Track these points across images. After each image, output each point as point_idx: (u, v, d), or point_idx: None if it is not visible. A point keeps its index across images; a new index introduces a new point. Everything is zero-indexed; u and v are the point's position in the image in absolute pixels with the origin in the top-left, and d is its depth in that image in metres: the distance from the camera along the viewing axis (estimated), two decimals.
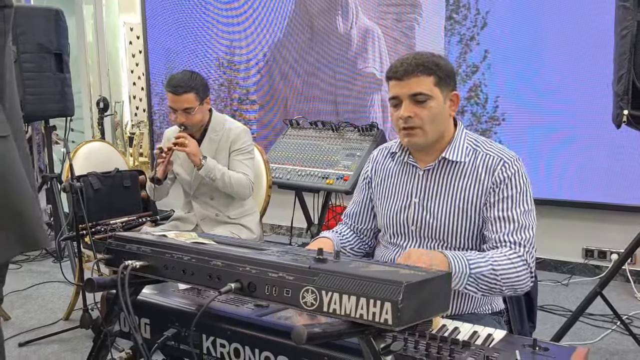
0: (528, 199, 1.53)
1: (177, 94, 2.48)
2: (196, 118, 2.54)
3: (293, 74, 4.53)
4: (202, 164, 2.47)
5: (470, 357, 1.04)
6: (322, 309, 0.91)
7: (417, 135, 1.53)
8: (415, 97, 1.49)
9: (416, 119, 1.50)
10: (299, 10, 4.44)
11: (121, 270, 1.08)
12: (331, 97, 4.32)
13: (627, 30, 2.06)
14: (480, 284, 1.42)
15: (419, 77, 1.47)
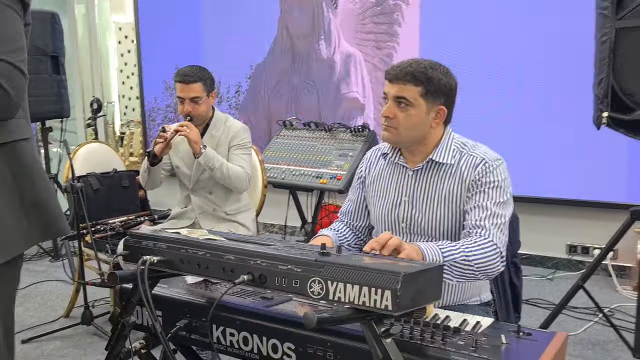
0: (504, 194, 1.61)
1: (186, 83, 2.59)
2: (201, 108, 2.64)
3: (276, 96, 4.65)
4: (202, 152, 2.55)
5: (460, 341, 1.15)
6: (328, 297, 1.01)
7: (392, 133, 1.63)
8: (399, 100, 1.59)
9: (394, 121, 1.60)
10: (282, 34, 4.57)
11: (140, 265, 1.17)
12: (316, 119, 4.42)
13: (606, 37, 2.18)
14: (454, 271, 1.49)
15: (407, 84, 1.56)
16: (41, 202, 1.22)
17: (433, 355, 1.09)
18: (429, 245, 1.49)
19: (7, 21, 1.09)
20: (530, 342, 1.16)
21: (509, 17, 3.73)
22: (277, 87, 4.66)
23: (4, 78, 1.07)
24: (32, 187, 1.21)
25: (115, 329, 1.32)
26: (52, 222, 1.25)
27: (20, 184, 1.18)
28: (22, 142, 1.20)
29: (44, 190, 1.23)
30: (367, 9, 4.19)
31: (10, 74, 1.08)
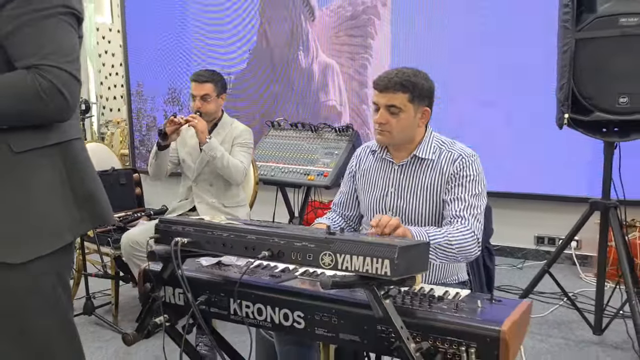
0: (479, 186, 1.85)
1: (199, 82, 2.86)
2: (210, 107, 2.87)
3: (256, 104, 4.87)
4: (207, 141, 2.76)
5: (444, 305, 1.37)
6: (337, 267, 1.22)
7: (386, 136, 1.86)
8: (390, 108, 1.81)
9: (387, 125, 1.83)
10: (261, 44, 4.79)
11: (173, 245, 1.37)
12: None
13: (567, 46, 2.45)
14: (438, 253, 1.72)
15: (396, 93, 1.78)
16: (91, 195, 1.38)
17: (422, 317, 1.31)
18: (417, 230, 1.72)
19: (65, 34, 1.25)
20: (500, 306, 1.39)
21: (475, 32, 4.02)
22: (257, 94, 4.88)
23: (64, 85, 1.23)
24: (83, 182, 1.37)
25: (146, 303, 1.51)
26: (100, 212, 1.41)
27: (73, 179, 1.34)
28: (75, 141, 1.37)
29: (93, 185, 1.40)
30: (342, 22, 4.44)
31: (69, 82, 1.24)
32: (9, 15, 1.20)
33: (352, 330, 1.36)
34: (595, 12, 2.39)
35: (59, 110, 1.25)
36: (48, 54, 1.22)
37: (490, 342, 1.23)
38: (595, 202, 2.69)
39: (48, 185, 1.31)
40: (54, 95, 1.22)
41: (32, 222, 1.30)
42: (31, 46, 1.22)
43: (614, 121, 2.48)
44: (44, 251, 1.31)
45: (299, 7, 4.57)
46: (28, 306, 1.33)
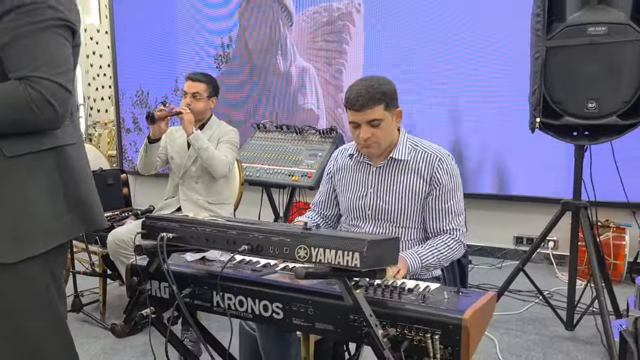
0: (459, 189, 1.99)
1: (193, 80, 2.97)
2: (200, 105, 2.96)
3: (235, 106, 4.98)
4: (194, 132, 2.84)
5: (412, 297, 1.47)
6: (311, 259, 1.31)
7: (374, 147, 1.95)
8: (371, 122, 1.90)
9: (373, 138, 1.92)
10: (240, 48, 4.90)
11: (159, 240, 1.45)
12: None
13: (539, 54, 2.56)
14: (429, 269, 1.92)
15: (373, 107, 1.86)
16: (83, 200, 1.45)
17: (391, 306, 1.41)
18: (409, 256, 1.85)
19: (57, 46, 1.32)
20: (466, 297, 1.49)
21: (447, 38, 4.15)
22: (236, 96, 4.98)
23: (53, 97, 1.30)
24: (76, 186, 1.43)
25: (133, 296, 1.60)
26: (91, 217, 1.48)
27: (66, 183, 1.41)
28: (68, 146, 1.43)
29: (86, 189, 1.46)
30: (319, 27, 4.56)
31: (59, 93, 1.31)
32: (5, 27, 1.27)
33: (327, 320, 1.46)
34: (565, 22, 2.51)
35: (49, 120, 1.32)
36: (40, 65, 1.29)
37: (453, 329, 1.33)
38: (567, 202, 2.81)
39: (41, 188, 1.37)
40: (43, 106, 1.29)
41: (25, 224, 1.36)
42: (25, 58, 1.28)
43: (583, 125, 2.60)
44: (36, 251, 1.37)
45: (278, 12, 4.68)
46: (21, 305, 1.38)
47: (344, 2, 4.44)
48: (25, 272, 1.37)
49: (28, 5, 1.26)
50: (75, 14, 1.39)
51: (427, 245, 1.93)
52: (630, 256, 3.69)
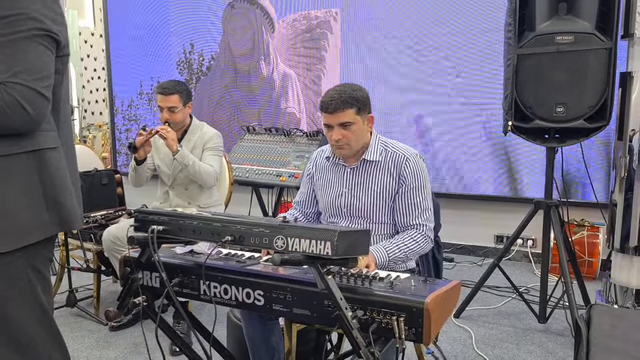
0: (426, 187, 2.13)
1: (165, 95, 3.01)
2: (178, 117, 3.05)
3: (219, 109, 5.13)
4: (178, 150, 2.95)
5: (382, 284, 1.61)
6: (288, 249, 1.45)
7: (345, 149, 2.10)
8: (342, 125, 2.05)
9: (344, 139, 2.07)
10: (224, 53, 5.05)
11: (150, 232, 1.59)
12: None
13: (510, 61, 2.72)
14: (397, 262, 2.06)
15: (344, 111, 2.02)
16: (60, 201, 1.53)
17: (362, 292, 1.55)
18: (377, 249, 1.99)
19: (36, 55, 1.40)
20: (431, 284, 1.63)
21: (424, 45, 4.31)
22: (220, 100, 5.13)
23: (26, 101, 1.38)
24: (54, 187, 1.51)
25: (126, 284, 1.73)
26: (67, 217, 1.56)
27: (44, 184, 1.49)
28: (49, 150, 1.51)
29: (63, 192, 1.54)
30: (299, 34, 4.72)
31: (33, 97, 1.39)
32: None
33: (304, 306, 1.60)
34: (535, 31, 2.66)
35: (22, 123, 1.41)
36: (18, 72, 1.37)
37: (416, 312, 1.47)
38: (539, 201, 2.96)
39: (19, 188, 1.45)
40: (16, 110, 1.37)
41: (2, 221, 1.43)
42: (5, 64, 1.37)
43: (553, 128, 2.75)
44: (11, 247, 1.45)
45: (260, 18, 4.83)
46: (4, 296, 1.47)
47: (322, 10, 4.61)
48: (5, 266, 1.46)
49: (10, 17, 1.36)
50: (59, 26, 1.48)
51: (394, 240, 2.08)
52: (603, 254, 3.85)
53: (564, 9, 2.65)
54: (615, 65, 2.61)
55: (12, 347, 1.50)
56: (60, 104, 1.59)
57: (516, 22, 2.68)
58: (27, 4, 1.37)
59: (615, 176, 2.72)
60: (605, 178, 3.84)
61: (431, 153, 4.35)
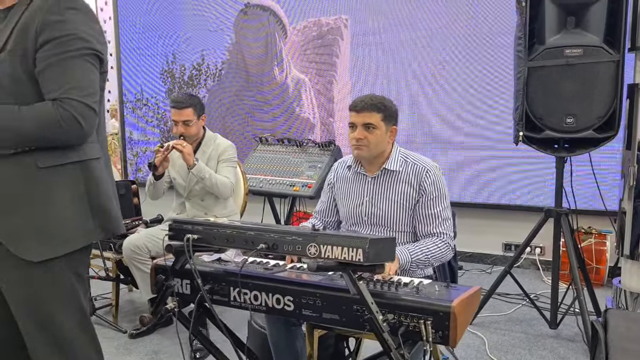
0: (446, 197, 2.21)
1: (179, 109, 3.08)
2: (192, 130, 3.13)
3: (231, 114, 5.21)
4: (195, 164, 3.03)
5: (407, 289, 1.68)
6: (320, 255, 1.52)
7: (364, 150, 2.18)
8: (366, 125, 2.14)
9: (365, 140, 2.15)
10: (236, 58, 5.14)
11: (186, 240, 1.66)
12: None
13: (521, 74, 2.80)
14: (419, 265, 2.11)
15: (371, 112, 2.12)
16: (104, 208, 1.63)
17: (389, 297, 1.62)
18: (400, 251, 2.04)
19: (85, 72, 1.51)
20: (454, 290, 1.70)
21: (437, 56, 4.40)
22: (231, 105, 5.20)
23: (80, 115, 1.49)
24: (98, 195, 1.61)
25: (160, 291, 1.80)
26: (111, 224, 1.66)
27: (90, 192, 1.59)
28: (94, 160, 1.61)
29: (107, 200, 1.64)
30: (309, 41, 4.82)
31: (85, 112, 1.50)
32: (43, 56, 1.48)
33: (333, 310, 1.67)
34: (544, 44, 2.75)
35: (75, 135, 1.52)
36: (70, 88, 1.48)
37: (443, 316, 1.54)
38: (549, 210, 3.03)
39: (67, 196, 1.55)
40: (71, 123, 1.48)
41: (51, 227, 1.53)
42: (58, 82, 1.48)
43: (562, 138, 2.83)
44: (59, 253, 1.54)
45: (273, 24, 4.93)
46: (48, 300, 1.56)
47: (332, 17, 4.70)
48: (51, 270, 1.55)
49: (62, 38, 1.47)
50: (102, 45, 1.59)
51: (417, 244, 2.14)
52: (611, 261, 3.91)
53: (572, 23, 2.74)
54: (623, 77, 2.69)
55: (56, 349, 1.58)
56: (101, 118, 1.68)
57: (526, 35, 2.76)
58: (75, 25, 1.48)
59: (624, 184, 2.79)
60: (612, 186, 3.92)
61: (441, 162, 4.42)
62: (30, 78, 1.48)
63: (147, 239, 3.06)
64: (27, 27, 1.47)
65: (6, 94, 1.47)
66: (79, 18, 1.50)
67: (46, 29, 1.46)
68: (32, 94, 1.49)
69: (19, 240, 1.50)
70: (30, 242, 1.51)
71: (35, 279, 1.54)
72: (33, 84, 1.49)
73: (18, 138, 1.47)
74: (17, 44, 1.46)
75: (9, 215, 1.50)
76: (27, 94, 1.49)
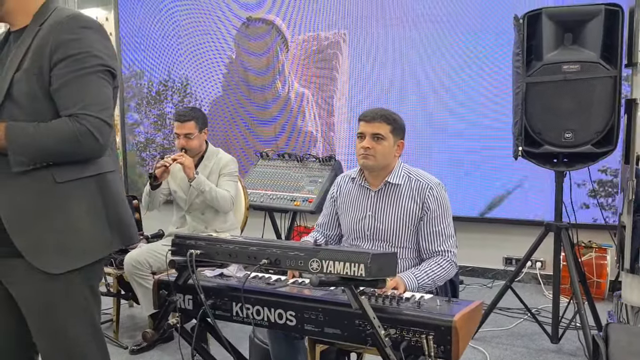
0: (449, 214, 2.22)
1: (181, 122, 3.11)
2: (194, 143, 3.14)
3: (233, 127, 5.22)
4: (195, 177, 3.04)
5: (409, 304, 1.69)
6: (323, 270, 1.54)
7: (370, 160, 2.19)
8: (375, 135, 2.17)
9: (372, 150, 2.17)
10: (238, 71, 5.16)
11: (189, 255, 1.67)
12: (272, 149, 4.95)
13: (519, 89, 2.83)
14: (425, 288, 2.11)
15: (381, 123, 2.15)
16: (121, 219, 1.68)
17: (391, 311, 1.63)
18: (406, 276, 2.06)
19: (100, 88, 1.57)
20: (455, 304, 1.71)
21: (433, 68, 4.46)
22: (233, 118, 5.21)
23: (97, 130, 1.54)
24: (115, 207, 1.66)
25: (162, 306, 1.80)
26: (128, 234, 1.71)
27: (106, 204, 1.63)
28: (109, 174, 1.66)
29: (124, 211, 1.70)
30: (309, 55, 4.85)
31: (101, 127, 1.55)
32: (59, 73, 1.52)
33: (335, 325, 1.68)
34: (542, 60, 2.78)
35: (92, 150, 1.57)
36: (87, 105, 1.53)
37: (444, 330, 1.54)
38: (549, 224, 3.05)
39: (85, 209, 1.59)
40: (88, 138, 1.53)
41: (70, 240, 1.58)
42: (74, 98, 1.53)
43: (561, 153, 2.85)
44: (79, 264, 1.58)
45: (276, 38, 4.96)
46: (63, 311, 1.59)
47: (331, 32, 4.75)
48: (68, 282, 1.58)
49: (77, 55, 1.53)
50: (114, 61, 1.64)
51: (422, 267, 2.15)
52: (612, 275, 3.91)
53: (569, 40, 2.77)
54: (620, 92, 2.72)
55: (64, 357, 1.61)
56: (112, 132, 1.71)
57: (524, 52, 2.80)
58: (90, 43, 1.54)
59: (623, 199, 2.80)
60: (612, 200, 3.93)
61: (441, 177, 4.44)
62: (46, 95, 1.53)
63: (148, 254, 3.06)
64: (42, 46, 1.52)
65: (25, 114, 1.52)
66: (93, 36, 1.55)
67: (61, 47, 1.51)
68: (48, 111, 1.54)
69: (40, 253, 1.54)
70: (51, 255, 1.55)
71: (52, 291, 1.58)
72: (49, 101, 1.54)
73: (37, 154, 1.52)
74: (33, 63, 1.51)
75: (30, 229, 1.54)
76: (44, 112, 1.54)
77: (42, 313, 1.59)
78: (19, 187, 1.53)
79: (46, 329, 1.60)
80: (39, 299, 1.58)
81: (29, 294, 1.58)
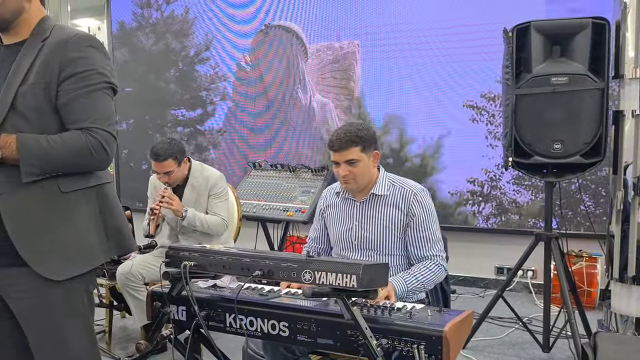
0: (435, 219, 2.25)
1: (159, 162, 3.02)
2: (177, 177, 3.10)
3: (252, 138, 5.18)
4: (185, 216, 3.03)
5: (400, 314, 1.71)
6: (315, 281, 1.55)
7: (352, 184, 2.22)
8: (349, 162, 2.18)
9: (350, 175, 2.20)
10: (256, 80, 5.13)
11: (182, 267, 1.68)
12: (295, 161, 4.86)
13: (509, 100, 2.88)
14: (415, 293, 2.14)
15: (350, 149, 2.15)
16: (119, 228, 1.73)
17: (382, 322, 1.65)
18: (396, 281, 2.08)
19: (105, 103, 1.64)
20: (446, 314, 1.73)
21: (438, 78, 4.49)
22: (253, 129, 5.15)
23: (106, 143, 1.61)
24: (113, 216, 1.71)
25: (156, 317, 1.81)
26: (125, 243, 1.76)
27: (104, 213, 1.69)
28: (107, 184, 1.72)
29: (120, 220, 1.75)
30: (326, 64, 4.85)
31: (110, 140, 1.62)
32: (66, 89, 1.59)
33: (328, 335, 1.69)
34: (531, 72, 2.83)
35: (102, 162, 1.64)
36: (96, 119, 1.61)
37: (435, 340, 1.56)
38: (539, 233, 3.08)
39: (86, 219, 1.65)
40: (99, 150, 1.60)
41: (73, 248, 1.63)
42: (85, 112, 1.60)
43: (551, 164, 2.89)
44: (80, 271, 1.64)
45: (296, 46, 4.92)
46: (61, 312, 1.63)
47: (344, 41, 4.74)
48: (68, 287, 1.63)
49: (83, 72, 1.60)
50: (115, 78, 1.72)
51: (411, 271, 2.18)
52: (602, 284, 3.95)
53: (557, 52, 2.82)
54: (608, 104, 2.77)
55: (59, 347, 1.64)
56: None
57: (513, 64, 2.84)
58: (94, 61, 1.62)
59: (612, 208, 2.84)
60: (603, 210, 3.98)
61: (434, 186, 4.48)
62: (52, 109, 1.59)
63: (140, 265, 3.06)
64: (48, 62, 1.58)
65: (31, 126, 1.57)
66: (97, 55, 1.63)
67: (70, 64, 1.58)
68: (54, 124, 1.60)
69: (44, 261, 1.58)
70: (55, 263, 1.59)
71: (53, 296, 1.61)
72: (54, 114, 1.60)
73: (50, 165, 1.57)
74: (40, 78, 1.57)
75: (34, 237, 1.58)
76: (50, 125, 1.59)
77: (41, 317, 1.62)
78: (25, 197, 1.57)
79: (44, 333, 1.62)
80: (39, 304, 1.61)
81: (28, 301, 1.61)
